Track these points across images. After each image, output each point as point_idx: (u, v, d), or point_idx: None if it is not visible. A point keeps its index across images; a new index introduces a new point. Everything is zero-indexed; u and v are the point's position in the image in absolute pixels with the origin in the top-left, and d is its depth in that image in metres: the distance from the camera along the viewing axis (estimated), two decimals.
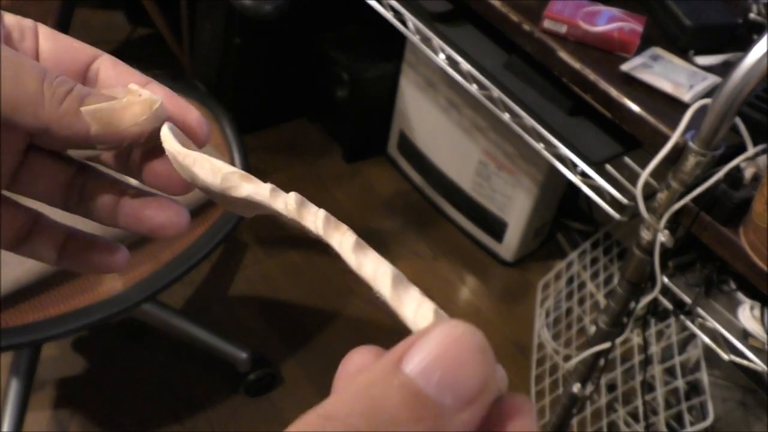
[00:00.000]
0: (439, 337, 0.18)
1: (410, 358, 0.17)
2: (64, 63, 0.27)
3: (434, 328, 0.18)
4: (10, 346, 0.84)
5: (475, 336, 0.18)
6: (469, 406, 0.17)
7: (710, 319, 0.79)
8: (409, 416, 0.16)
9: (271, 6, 1.03)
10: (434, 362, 0.17)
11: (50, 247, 0.30)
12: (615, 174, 0.84)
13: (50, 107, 0.24)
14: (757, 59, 0.63)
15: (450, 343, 0.17)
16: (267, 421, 1.24)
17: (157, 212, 0.29)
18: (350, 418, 0.16)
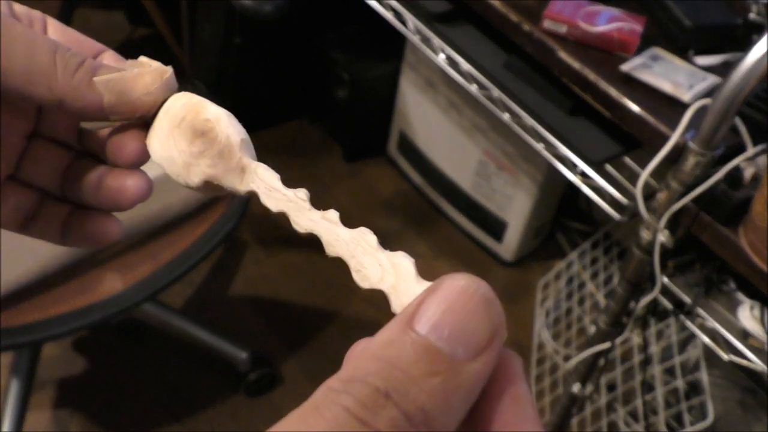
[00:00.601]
0: (446, 291, 0.18)
1: (420, 315, 0.18)
2: (73, 44, 0.27)
3: (440, 284, 0.19)
4: (10, 346, 0.84)
5: (480, 287, 0.18)
6: (480, 355, 0.18)
7: (710, 319, 0.79)
8: (424, 371, 0.17)
9: (271, 6, 1.03)
10: (443, 317, 0.18)
11: (55, 226, 0.30)
12: (615, 174, 0.84)
13: (63, 79, 0.25)
14: (756, 59, 0.64)
15: (456, 297, 0.18)
16: (267, 421, 1.24)
17: (125, 177, 0.29)
18: (369, 377, 0.17)
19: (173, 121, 0.27)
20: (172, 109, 0.27)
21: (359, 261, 0.26)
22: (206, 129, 0.27)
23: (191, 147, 0.27)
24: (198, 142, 0.27)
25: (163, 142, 0.28)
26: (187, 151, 0.27)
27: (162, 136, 0.27)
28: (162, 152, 0.28)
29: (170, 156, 0.27)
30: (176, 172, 0.28)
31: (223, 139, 0.27)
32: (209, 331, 1.23)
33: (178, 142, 0.27)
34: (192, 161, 0.27)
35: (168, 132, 0.27)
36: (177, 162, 0.27)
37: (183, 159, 0.27)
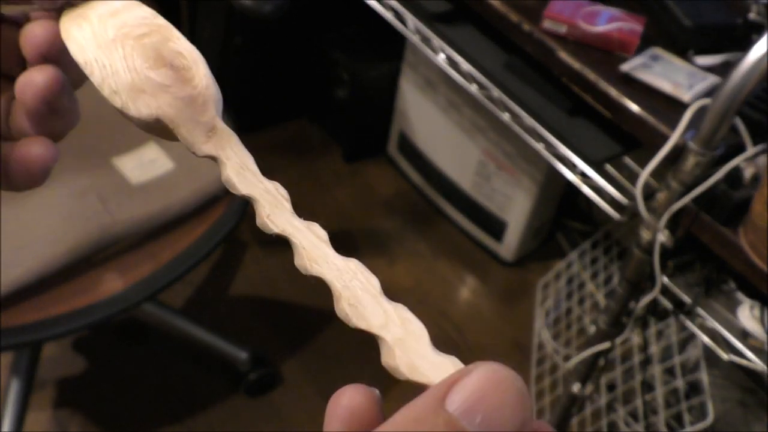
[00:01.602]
0: (482, 378, 0.18)
1: (454, 396, 0.18)
2: None
3: (475, 368, 0.19)
4: (10, 346, 0.84)
5: (516, 380, 0.18)
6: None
7: (710, 318, 0.79)
8: None
9: (271, 6, 1.03)
10: (477, 403, 0.18)
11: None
12: (615, 174, 0.84)
13: None
14: (756, 59, 0.64)
15: (492, 385, 0.18)
16: (267, 421, 1.24)
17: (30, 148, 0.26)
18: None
19: (126, 29, 0.23)
20: (123, 13, 0.23)
21: (356, 296, 0.23)
22: (179, 64, 0.24)
23: (151, 73, 0.23)
24: (164, 73, 0.24)
25: (103, 44, 0.23)
26: (142, 74, 0.23)
27: (103, 35, 0.23)
28: (97, 53, 0.23)
29: (111, 65, 0.23)
30: (112, 85, 0.23)
31: (201, 87, 0.24)
32: (209, 331, 1.23)
33: (132, 58, 0.23)
34: (146, 88, 0.23)
35: (115, 38, 0.23)
36: (120, 77, 0.23)
37: (132, 79, 0.23)
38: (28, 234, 0.86)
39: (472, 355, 1.39)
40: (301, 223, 0.23)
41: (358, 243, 1.56)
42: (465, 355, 1.41)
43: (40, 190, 0.28)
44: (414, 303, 1.45)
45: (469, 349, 1.40)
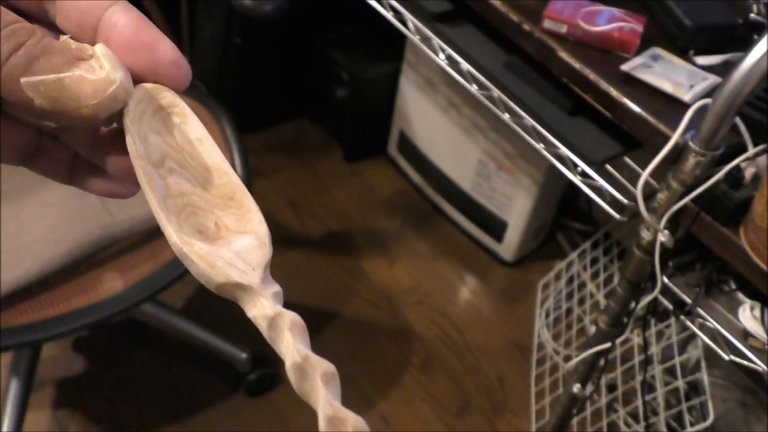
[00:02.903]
0: None
1: None
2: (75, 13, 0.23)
3: None
4: (10, 346, 0.84)
5: None
6: None
7: (710, 319, 0.79)
8: None
9: (271, 6, 1.03)
10: None
11: (59, 165, 0.27)
12: (615, 174, 0.84)
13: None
14: (757, 59, 0.63)
15: None
16: (267, 421, 1.24)
17: (104, 183, 0.27)
18: None
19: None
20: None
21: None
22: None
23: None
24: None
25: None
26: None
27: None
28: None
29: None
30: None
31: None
32: (209, 331, 1.23)
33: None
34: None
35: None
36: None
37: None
38: (28, 234, 0.86)
39: (472, 355, 1.39)
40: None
41: (358, 243, 1.56)
42: (465, 355, 1.41)
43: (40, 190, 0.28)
44: (414, 303, 1.46)
45: (469, 349, 1.40)
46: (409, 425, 1.28)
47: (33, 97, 0.21)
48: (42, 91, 0.21)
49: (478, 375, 1.37)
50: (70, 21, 0.23)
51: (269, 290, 0.24)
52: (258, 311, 0.23)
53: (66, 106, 0.21)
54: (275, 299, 0.23)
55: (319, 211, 1.58)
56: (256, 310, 0.23)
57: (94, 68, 0.22)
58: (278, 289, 0.24)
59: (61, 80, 0.21)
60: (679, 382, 1.05)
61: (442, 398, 1.32)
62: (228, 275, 0.23)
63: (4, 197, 0.89)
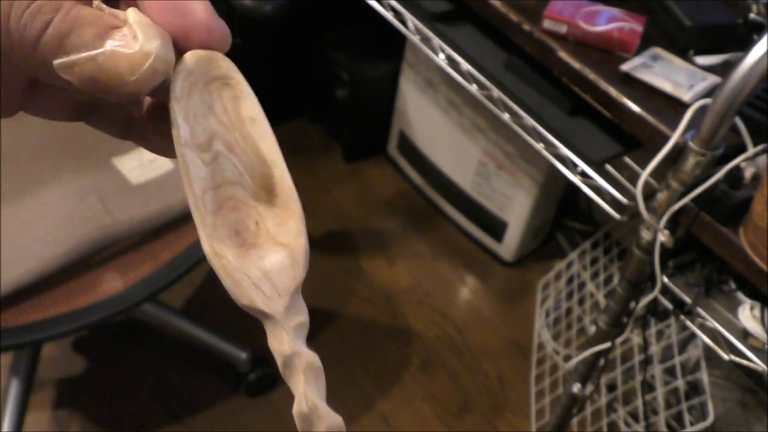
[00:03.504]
0: None
1: None
2: None
3: None
4: (10, 346, 0.84)
5: None
6: None
7: (710, 319, 0.79)
8: None
9: (271, 6, 1.03)
10: None
11: (114, 122, 0.25)
12: (615, 174, 0.84)
13: (19, 54, 0.19)
14: (757, 59, 0.63)
15: None
16: (267, 421, 1.24)
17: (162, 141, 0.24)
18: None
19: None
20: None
21: None
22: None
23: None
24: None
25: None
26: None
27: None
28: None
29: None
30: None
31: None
32: (209, 331, 1.23)
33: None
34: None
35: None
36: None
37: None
38: (28, 234, 0.86)
39: (472, 355, 1.39)
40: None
41: (358, 243, 1.56)
42: (465, 355, 1.41)
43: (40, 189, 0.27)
44: (414, 303, 1.46)
45: (469, 349, 1.40)
46: (409, 425, 1.28)
47: (69, 79, 0.19)
48: (77, 72, 0.19)
49: (478, 375, 1.37)
50: None
51: (292, 322, 0.22)
52: (276, 344, 0.22)
53: (105, 85, 0.19)
54: (297, 332, 0.22)
55: (319, 211, 1.58)
56: (275, 342, 0.22)
57: (128, 38, 0.19)
58: (303, 319, 0.23)
59: (94, 58, 0.19)
60: (679, 382, 1.05)
61: (442, 398, 1.32)
62: (252, 299, 0.22)
63: (4, 197, 0.89)
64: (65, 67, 0.19)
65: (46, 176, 0.92)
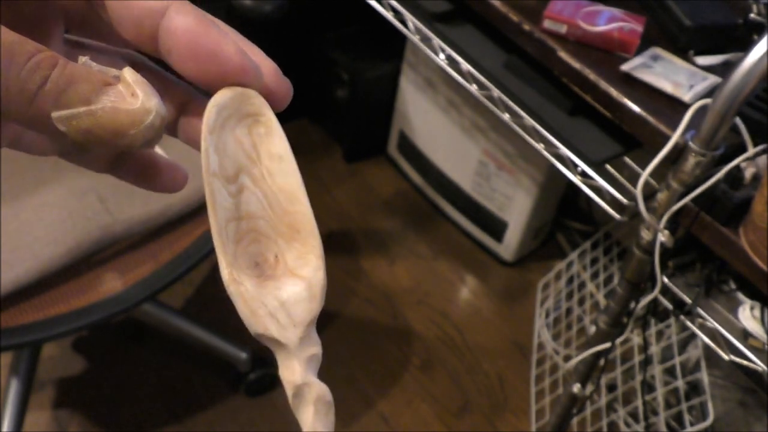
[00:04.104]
0: None
1: None
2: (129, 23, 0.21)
3: None
4: (10, 346, 0.84)
5: None
6: None
7: (710, 319, 0.79)
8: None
9: (271, 6, 1.03)
10: None
11: (101, 158, 0.26)
12: (615, 174, 0.84)
13: (17, 107, 0.19)
14: (757, 59, 0.63)
15: None
16: (267, 421, 1.24)
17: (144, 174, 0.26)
18: None
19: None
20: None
21: None
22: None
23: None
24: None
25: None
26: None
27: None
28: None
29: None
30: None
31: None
32: (209, 331, 1.23)
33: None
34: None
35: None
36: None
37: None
38: (28, 234, 0.86)
39: (472, 355, 1.39)
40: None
41: (358, 243, 1.56)
42: (465, 355, 1.41)
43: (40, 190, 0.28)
44: (414, 303, 1.46)
45: (469, 350, 1.40)
46: (409, 425, 1.28)
47: (66, 131, 0.20)
48: (74, 125, 0.20)
49: (478, 375, 1.37)
50: (127, 30, 0.22)
51: (305, 353, 0.22)
52: (287, 374, 0.22)
53: (100, 138, 0.20)
54: (309, 364, 0.22)
55: (319, 211, 1.57)
56: (286, 372, 0.22)
57: (124, 95, 0.20)
58: (316, 351, 0.23)
59: (93, 112, 0.20)
60: (679, 382, 1.05)
61: (442, 398, 1.32)
62: (266, 327, 0.22)
63: (4, 197, 0.89)
64: (63, 120, 0.20)
65: (46, 176, 0.92)
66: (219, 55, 0.22)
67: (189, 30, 0.21)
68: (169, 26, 0.21)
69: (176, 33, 0.21)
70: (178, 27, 0.21)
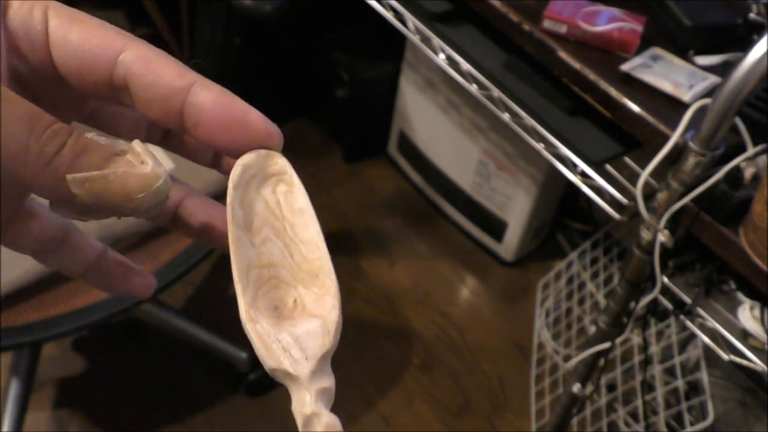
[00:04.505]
0: None
1: None
2: (83, 65, 0.23)
3: None
4: (10, 346, 0.84)
5: None
6: None
7: (710, 319, 0.79)
8: None
9: (271, 6, 1.03)
10: None
11: (78, 262, 0.28)
12: (615, 174, 0.84)
13: (33, 168, 0.21)
14: (757, 59, 0.63)
15: None
16: (267, 421, 1.24)
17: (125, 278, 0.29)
18: None
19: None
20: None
21: None
22: None
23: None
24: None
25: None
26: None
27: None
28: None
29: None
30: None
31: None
32: (209, 331, 1.23)
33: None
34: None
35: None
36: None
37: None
38: None
39: (472, 355, 1.39)
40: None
41: (358, 243, 1.56)
42: (465, 355, 1.41)
43: None
44: (414, 303, 1.46)
45: (469, 349, 1.40)
46: (409, 425, 1.28)
47: (77, 194, 0.21)
48: (87, 188, 0.21)
49: (478, 375, 1.37)
50: (152, 109, 0.23)
51: (316, 385, 0.23)
52: (298, 406, 0.23)
53: (108, 201, 0.22)
54: (320, 396, 0.23)
55: (319, 211, 1.58)
56: (297, 404, 0.23)
57: (134, 164, 0.22)
58: (329, 384, 0.23)
59: (106, 176, 0.21)
60: (678, 382, 1.05)
61: (442, 398, 1.32)
62: (279, 361, 0.23)
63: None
64: (78, 182, 0.21)
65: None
66: (247, 124, 0.24)
67: (217, 103, 0.23)
68: (196, 102, 0.23)
69: (204, 107, 0.23)
70: (206, 102, 0.23)
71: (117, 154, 0.22)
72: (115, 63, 0.23)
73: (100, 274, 0.29)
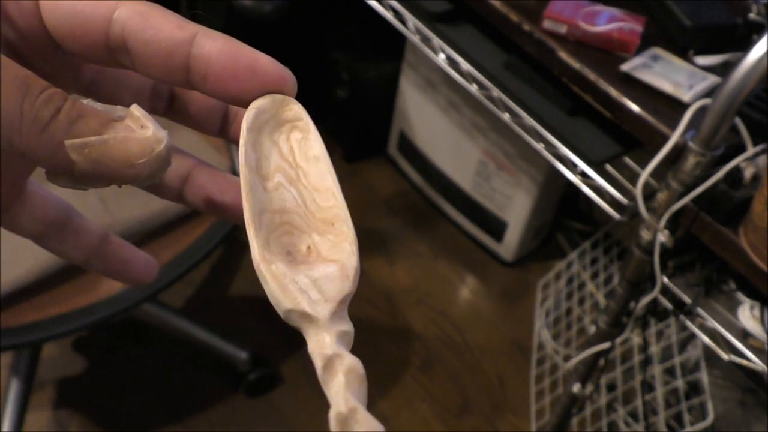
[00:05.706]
0: None
1: None
2: (76, 27, 0.22)
3: None
4: (10, 346, 0.84)
5: None
6: None
7: (710, 319, 0.79)
8: None
9: (271, 6, 1.03)
10: None
11: (80, 247, 0.27)
12: (615, 174, 0.84)
13: (29, 134, 0.20)
14: (757, 59, 0.64)
15: None
16: (267, 421, 1.24)
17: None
18: None
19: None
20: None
21: None
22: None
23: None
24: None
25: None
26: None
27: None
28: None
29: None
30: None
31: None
32: (209, 331, 1.23)
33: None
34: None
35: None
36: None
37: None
38: None
39: (472, 355, 1.39)
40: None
41: (358, 243, 1.56)
42: (465, 355, 1.41)
43: None
44: (414, 303, 1.46)
45: (469, 349, 1.40)
46: (409, 425, 1.28)
47: (76, 160, 0.20)
48: (86, 154, 0.20)
49: (478, 375, 1.37)
50: (154, 68, 0.22)
51: (336, 327, 0.21)
52: (317, 347, 0.21)
53: (108, 168, 0.21)
54: (340, 339, 0.21)
55: None
56: (316, 345, 0.21)
57: (133, 129, 0.21)
58: (348, 328, 0.22)
59: (106, 141, 0.21)
60: (678, 382, 1.05)
61: (442, 398, 1.32)
62: (297, 302, 0.21)
63: None
64: (76, 147, 0.20)
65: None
66: (257, 69, 0.23)
67: (223, 51, 0.22)
68: (202, 53, 0.22)
69: (211, 56, 0.22)
70: (212, 51, 0.22)
71: (115, 120, 0.21)
72: (110, 22, 0.21)
73: (102, 259, 0.28)
